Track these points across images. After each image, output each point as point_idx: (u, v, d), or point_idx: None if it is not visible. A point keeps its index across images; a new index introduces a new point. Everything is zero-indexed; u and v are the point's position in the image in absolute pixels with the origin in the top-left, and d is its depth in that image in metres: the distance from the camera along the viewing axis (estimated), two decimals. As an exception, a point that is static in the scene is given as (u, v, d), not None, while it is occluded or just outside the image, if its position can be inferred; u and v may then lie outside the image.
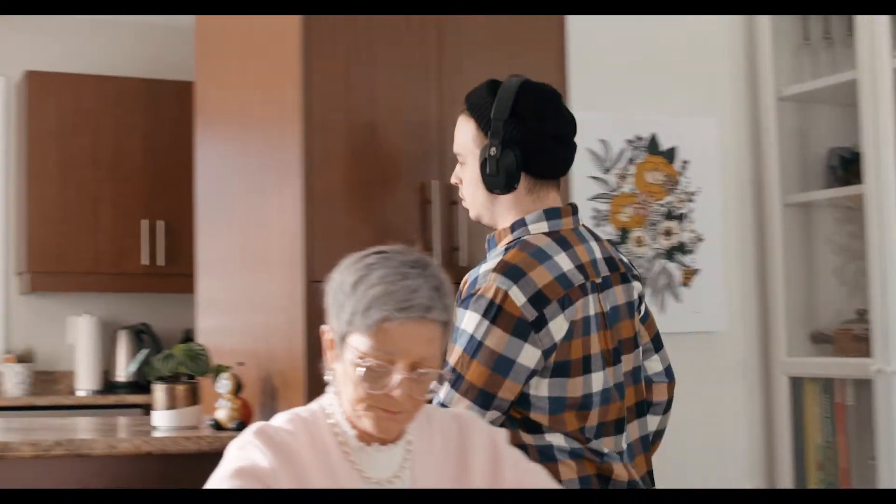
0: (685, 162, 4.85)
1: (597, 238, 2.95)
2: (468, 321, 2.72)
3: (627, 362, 2.92)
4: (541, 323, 2.69)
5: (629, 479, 2.84)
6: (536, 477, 2.50)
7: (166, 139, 7.07)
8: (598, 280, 2.84)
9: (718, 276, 4.88)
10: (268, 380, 3.64)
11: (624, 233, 4.72)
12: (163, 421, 3.53)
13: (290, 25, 3.54)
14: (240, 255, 3.92)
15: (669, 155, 4.83)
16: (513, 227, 2.88)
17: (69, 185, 6.94)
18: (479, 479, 2.44)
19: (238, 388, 3.55)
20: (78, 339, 7.01)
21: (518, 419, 2.76)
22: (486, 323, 2.69)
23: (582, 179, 4.64)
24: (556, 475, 2.72)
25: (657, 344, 3.14)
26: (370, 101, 3.56)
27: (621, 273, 2.93)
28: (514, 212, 2.91)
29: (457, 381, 2.71)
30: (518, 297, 2.69)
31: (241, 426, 3.45)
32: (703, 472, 4.84)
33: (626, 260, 3.01)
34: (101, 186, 6.98)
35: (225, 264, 4.07)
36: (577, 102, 4.12)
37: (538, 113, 2.86)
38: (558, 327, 2.71)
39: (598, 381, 2.79)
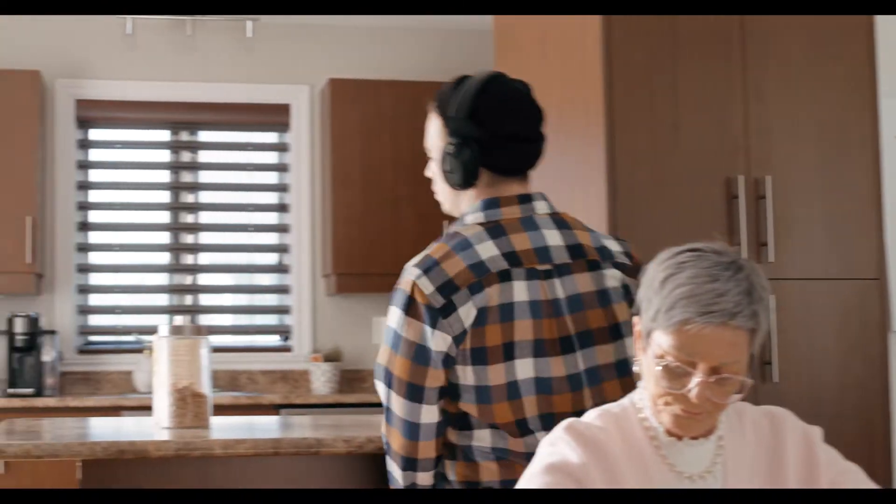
0: None
1: (563, 225, 2.88)
2: (390, 316, 2.78)
3: (605, 353, 2.81)
4: (449, 309, 2.69)
5: None
6: (854, 477, 2.42)
7: (464, 141, 7.16)
8: (546, 267, 2.78)
9: None
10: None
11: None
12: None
13: (590, 25, 3.54)
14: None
15: (985, 143, 4.64)
16: (458, 221, 2.90)
17: (371, 189, 7.11)
18: (792, 478, 2.38)
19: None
20: (382, 338, 7.17)
21: (452, 413, 2.76)
22: (402, 315, 2.73)
23: (893, 170, 4.50)
24: (475, 477, 2.74)
25: None
26: (673, 97, 3.52)
27: (589, 260, 2.84)
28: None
29: (389, 379, 2.76)
30: (426, 286, 2.70)
31: (548, 424, 3.45)
32: None
33: (611, 248, 2.90)
34: (402, 189, 7.12)
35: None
36: (891, 87, 4.00)
37: (496, 112, 2.85)
38: (466, 313, 2.69)
39: (525, 368, 2.72)
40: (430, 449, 2.78)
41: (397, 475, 2.82)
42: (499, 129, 2.85)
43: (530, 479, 2.33)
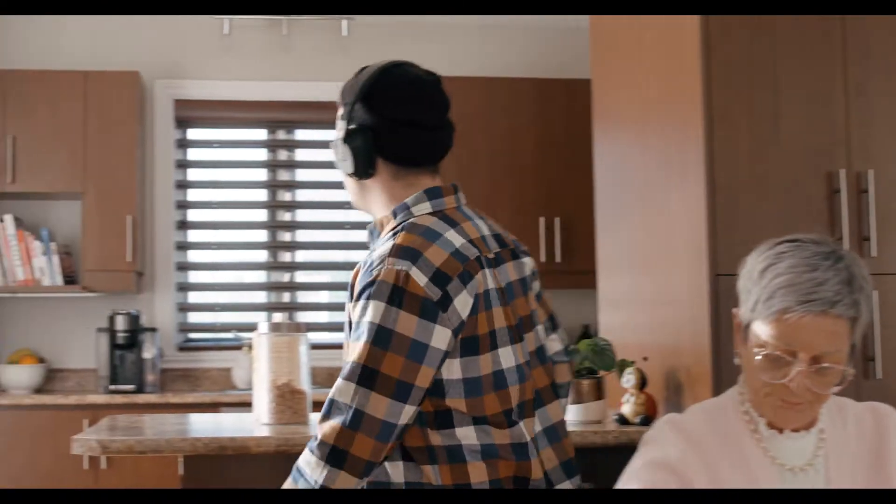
0: None
1: (481, 216, 2.81)
2: (372, 311, 2.54)
3: (531, 341, 2.75)
4: (446, 301, 2.53)
5: (544, 472, 2.66)
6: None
7: (559, 137, 7.15)
8: (491, 255, 2.69)
9: None
10: (672, 374, 3.63)
11: None
12: (569, 415, 3.56)
13: (688, 23, 3.53)
14: (641, 250, 3.92)
15: None
16: (395, 212, 2.74)
17: (466, 186, 7.07)
18: None
19: (643, 383, 3.54)
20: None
21: (430, 412, 2.58)
22: (392, 309, 2.52)
23: None
24: (465, 478, 2.56)
25: (554, 323, 2.94)
26: (772, 92, 3.49)
27: (511, 249, 2.79)
28: (383, 198, 2.79)
29: (370, 379, 2.51)
30: (420, 277, 2.52)
31: (646, 421, 3.45)
32: None
33: (512, 237, 2.86)
34: (497, 186, 7.11)
35: (626, 260, 4.08)
36: None
37: (391, 98, 2.75)
38: (463, 303, 2.55)
39: (506, 356, 2.62)
40: (387, 451, 2.56)
41: (348, 484, 2.53)
42: (393, 116, 2.75)
43: (631, 475, 2.33)
